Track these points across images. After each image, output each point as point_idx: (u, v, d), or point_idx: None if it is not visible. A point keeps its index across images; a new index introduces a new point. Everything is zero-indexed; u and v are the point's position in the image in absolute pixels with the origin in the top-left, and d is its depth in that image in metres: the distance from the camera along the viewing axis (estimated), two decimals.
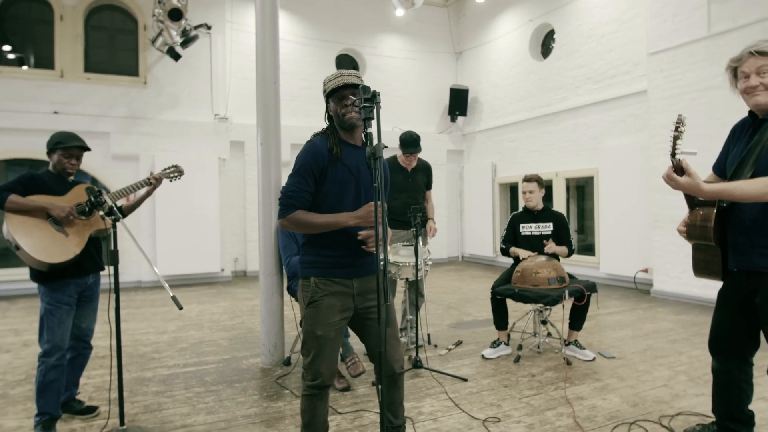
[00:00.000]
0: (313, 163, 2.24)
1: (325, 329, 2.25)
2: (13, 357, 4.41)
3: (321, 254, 2.29)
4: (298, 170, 2.26)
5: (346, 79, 2.26)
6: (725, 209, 2.36)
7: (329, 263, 2.28)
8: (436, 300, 6.77)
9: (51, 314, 2.79)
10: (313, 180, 2.24)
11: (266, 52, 4.14)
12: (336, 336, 2.29)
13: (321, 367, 2.26)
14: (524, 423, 2.96)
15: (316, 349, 2.26)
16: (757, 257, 2.25)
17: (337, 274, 2.28)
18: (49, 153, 2.97)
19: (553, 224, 4.40)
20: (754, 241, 2.26)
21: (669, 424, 2.90)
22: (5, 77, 7.63)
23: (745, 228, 2.28)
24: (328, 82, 2.31)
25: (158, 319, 5.82)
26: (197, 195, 8.37)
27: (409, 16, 10.45)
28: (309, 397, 2.30)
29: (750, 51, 2.20)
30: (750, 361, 2.50)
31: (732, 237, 2.36)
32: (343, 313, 2.30)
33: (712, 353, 2.59)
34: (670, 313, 5.75)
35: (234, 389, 3.58)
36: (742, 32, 5.73)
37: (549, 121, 9.05)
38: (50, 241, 2.76)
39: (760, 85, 2.19)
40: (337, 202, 2.27)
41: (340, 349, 2.38)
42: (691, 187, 2.18)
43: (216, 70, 8.88)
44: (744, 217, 2.28)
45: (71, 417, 3.10)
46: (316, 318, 2.26)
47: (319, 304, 2.26)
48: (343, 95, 2.26)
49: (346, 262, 2.28)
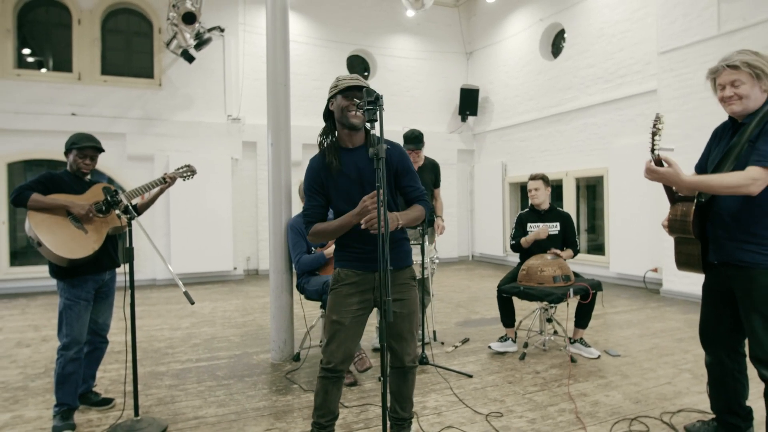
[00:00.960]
0: (314, 182, 2.47)
1: (340, 315, 2.38)
2: (33, 351, 4.57)
3: (346, 249, 2.47)
4: (306, 192, 2.50)
5: (361, 82, 2.39)
6: (704, 204, 2.49)
7: (352, 257, 2.44)
8: (445, 298, 6.83)
9: (70, 309, 2.91)
10: (320, 196, 2.47)
11: (277, 55, 4.24)
12: (352, 324, 2.40)
13: (335, 351, 2.38)
14: (526, 418, 3.02)
15: (330, 333, 2.40)
16: (736, 251, 2.37)
17: (358, 267, 2.42)
18: (66, 153, 3.10)
19: (560, 224, 4.44)
20: (732, 235, 2.38)
21: (670, 421, 2.94)
22: (25, 80, 7.85)
23: (724, 223, 2.41)
24: (343, 80, 2.41)
25: (172, 316, 5.96)
26: (210, 195, 8.54)
27: (420, 16, 10.51)
28: (322, 379, 2.42)
29: (724, 65, 2.38)
30: (741, 352, 2.59)
31: (712, 231, 2.48)
32: (360, 303, 2.42)
33: (703, 346, 2.70)
34: (678, 312, 5.75)
35: (244, 383, 3.69)
36: (752, 31, 5.71)
37: (559, 120, 9.06)
38: (70, 237, 2.89)
39: (734, 95, 2.36)
40: (347, 208, 2.39)
41: (357, 339, 2.48)
42: (671, 176, 2.32)
43: (229, 71, 9.03)
44: (723, 213, 2.41)
45: (88, 408, 3.23)
46: (334, 304, 2.42)
47: (338, 292, 2.42)
48: (353, 95, 2.36)
49: (367, 257, 2.39)
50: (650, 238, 7.11)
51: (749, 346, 2.39)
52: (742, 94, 2.34)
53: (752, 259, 2.32)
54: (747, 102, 2.35)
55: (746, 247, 2.33)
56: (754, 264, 2.32)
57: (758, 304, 2.31)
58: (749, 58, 2.33)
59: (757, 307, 2.31)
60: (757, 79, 2.31)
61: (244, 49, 9.22)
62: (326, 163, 2.42)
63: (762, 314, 2.30)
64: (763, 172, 2.19)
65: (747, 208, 2.33)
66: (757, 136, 2.28)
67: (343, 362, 2.41)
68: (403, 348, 2.46)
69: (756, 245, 2.31)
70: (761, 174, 2.19)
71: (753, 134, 2.30)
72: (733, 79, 2.36)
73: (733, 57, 2.37)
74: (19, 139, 7.74)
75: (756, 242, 2.31)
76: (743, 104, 2.36)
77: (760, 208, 2.30)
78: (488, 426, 2.92)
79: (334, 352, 2.39)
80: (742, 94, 2.34)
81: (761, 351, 2.31)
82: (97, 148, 3.10)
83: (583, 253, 8.76)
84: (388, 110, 10.38)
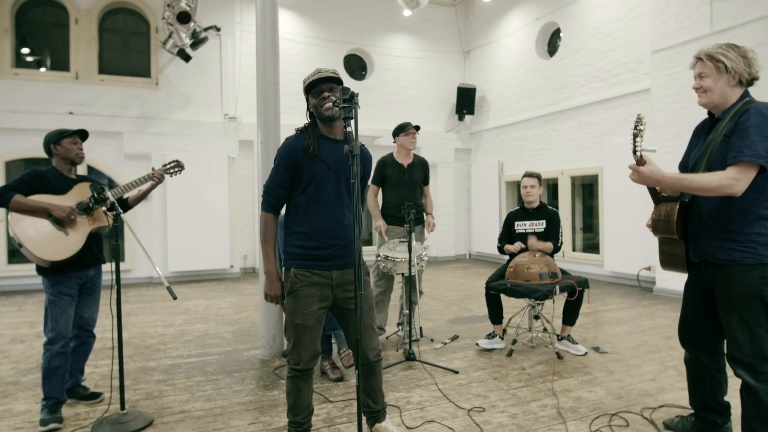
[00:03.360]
0: (287, 158, 2.42)
1: (303, 318, 2.39)
2: (27, 347, 4.61)
3: (303, 247, 2.43)
4: (276, 164, 2.45)
5: (323, 74, 2.41)
6: (687, 204, 2.47)
7: (310, 255, 2.42)
8: (438, 296, 6.86)
9: (54, 305, 2.96)
10: (287, 173, 2.42)
11: (266, 53, 4.27)
12: (315, 324, 2.43)
13: (301, 352, 2.41)
14: (508, 413, 3.05)
15: (295, 336, 2.41)
16: (714, 249, 2.36)
17: (316, 266, 2.41)
18: (52, 149, 3.10)
19: (545, 221, 4.46)
20: (710, 233, 2.37)
21: (650, 416, 2.96)
22: (23, 79, 7.91)
23: (702, 221, 2.40)
24: (308, 79, 2.44)
25: (167, 313, 6.01)
26: (207, 193, 8.59)
27: (417, 15, 10.55)
28: (292, 378, 2.45)
29: (694, 56, 2.40)
30: (720, 351, 2.59)
31: (691, 229, 2.47)
32: (321, 302, 2.43)
33: (682, 344, 2.70)
34: (669, 310, 5.76)
35: (233, 378, 3.73)
36: (744, 29, 5.72)
37: (555, 119, 9.08)
38: (51, 239, 2.91)
39: (700, 87, 2.37)
40: (317, 196, 2.41)
41: (320, 335, 2.50)
42: (653, 175, 2.33)
43: (226, 70, 9.08)
44: (702, 211, 2.40)
45: (76, 402, 3.27)
46: (296, 307, 2.40)
47: (298, 294, 2.40)
48: (321, 90, 2.39)
49: (326, 255, 2.40)
50: (644, 236, 7.10)
51: (726, 346, 2.38)
52: (706, 86, 2.35)
53: (729, 257, 2.30)
54: (711, 95, 2.35)
55: (724, 245, 2.32)
56: (731, 261, 2.30)
57: (736, 303, 2.29)
58: (714, 50, 2.33)
59: (735, 307, 2.29)
60: (722, 72, 2.30)
61: (240, 48, 9.26)
62: (304, 147, 2.42)
63: (739, 314, 2.28)
64: (741, 170, 2.16)
65: (724, 206, 2.31)
66: (732, 130, 2.26)
67: (310, 361, 2.43)
68: (366, 343, 2.49)
69: (733, 242, 2.29)
70: (740, 172, 2.16)
71: (727, 128, 2.28)
72: (699, 72, 2.37)
73: (702, 49, 2.38)
74: (17, 138, 7.79)
75: (732, 239, 2.29)
76: (708, 97, 2.37)
77: (736, 206, 2.28)
78: (469, 420, 2.95)
79: (301, 353, 2.41)
80: (705, 87, 2.35)
81: (737, 351, 2.29)
82: (83, 133, 3.14)
83: (578, 252, 8.78)
84: (385, 109, 10.46)
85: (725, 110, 2.36)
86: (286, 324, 2.47)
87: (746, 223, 2.27)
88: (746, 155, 2.15)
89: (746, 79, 2.33)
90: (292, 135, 2.51)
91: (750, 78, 2.33)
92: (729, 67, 2.30)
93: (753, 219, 2.26)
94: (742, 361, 2.29)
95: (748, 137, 2.17)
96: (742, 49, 2.33)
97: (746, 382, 2.29)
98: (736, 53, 2.31)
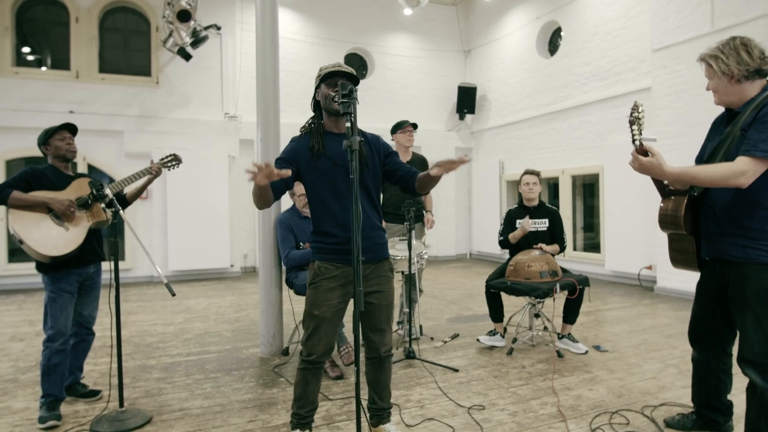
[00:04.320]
0: (290, 156, 2.43)
1: (322, 309, 2.40)
2: (26, 345, 4.61)
3: (325, 241, 2.45)
4: (277, 161, 2.44)
5: (344, 68, 2.42)
6: (697, 198, 2.40)
7: (330, 249, 2.44)
8: (438, 295, 6.85)
9: (54, 302, 2.95)
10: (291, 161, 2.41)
11: (266, 51, 4.26)
12: (333, 317, 2.43)
13: (316, 344, 2.42)
14: (508, 411, 3.04)
15: (312, 327, 2.42)
16: (728, 246, 2.29)
17: (337, 260, 2.43)
18: (43, 149, 3.13)
19: (549, 220, 4.45)
20: (724, 229, 2.29)
21: (651, 414, 2.95)
22: (23, 78, 7.91)
23: (716, 216, 2.32)
24: (325, 68, 2.45)
25: (167, 312, 6.01)
26: (208, 192, 8.59)
27: (418, 14, 10.53)
28: (302, 370, 2.46)
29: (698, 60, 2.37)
30: (728, 352, 2.55)
31: (704, 226, 2.40)
32: (341, 297, 2.44)
33: (692, 343, 2.65)
34: (670, 309, 5.75)
35: (232, 377, 3.72)
36: (745, 28, 5.70)
37: (555, 118, 9.06)
38: (52, 234, 2.91)
39: (710, 89, 2.35)
40: (330, 192, 2.41)
41: (338, 330, 2.51)
42: (653, 167, 2.25)
43: (226, 69, 9.07)
44: (715, 206, 2.32)
45: (75, 399, 3.26)
46: (315, 299, 2.42)
47: (318, 286, 2.42)
48: (336, 81, 2.38)
49: (344, 249, 2.40)
50: (645, 235, 7.10)
51: (739, 346, 2.30)
52: (711, 88, 2.33)
53: (744, 254, 2.22)
54: (720, 95, 2.31)
55: (738, 242, 2.24)
56: (746, 259, 2.22)
57: (751, 302, 2.21)
58: (707, 52, 2.30)
59: (750, 306, 2.21)
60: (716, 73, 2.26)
61: (241, 47, 9.25)
62: (309, 146, 2.42)
63: (754, 313, 2.20)
64: (751, 163, 2.08)
65: (739, 201, 2.23)
66: (750, 124, 2.17)
67: (323, 354, 2.45)
68: (380, 339, 2.49)
69: (748, 239, 2.21)
70: (750, 165, 2.08)
71: (746, 122, 2.20)
72: (705, 74, 2.35)
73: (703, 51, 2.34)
74: (18, 137, 7.77)
75: (748, 236, 2.21)
76: (718, 97, 2.33)
77: (752, 201, 2.20)
78: (469, 419, 2.94)
79: (315, 345, 2.42)
80: (711, 88, 2.33)
81: (749, 351, 2.22)
82: (72, 128, 3.14)
83: (579, 251, 8.77)
84: (386, 108, 10.44)
85: (745, 103, 2.27)
86: (304, 315, 2.49)
87: (763, 220, 2.19)
88: (760, 150, 2.08)
89: (752, 71, 2.21)
90: (297, 135, 2.52)
91: (758, 68, 2.21)
92: (716, 69, 2.25)
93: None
94: (753, 361, 2.22)
95: (765, 131, 2.10)
96: (738, 41, 2.24)
97: (753, 382, 2.24)
98: (730, 48, 2.23)
